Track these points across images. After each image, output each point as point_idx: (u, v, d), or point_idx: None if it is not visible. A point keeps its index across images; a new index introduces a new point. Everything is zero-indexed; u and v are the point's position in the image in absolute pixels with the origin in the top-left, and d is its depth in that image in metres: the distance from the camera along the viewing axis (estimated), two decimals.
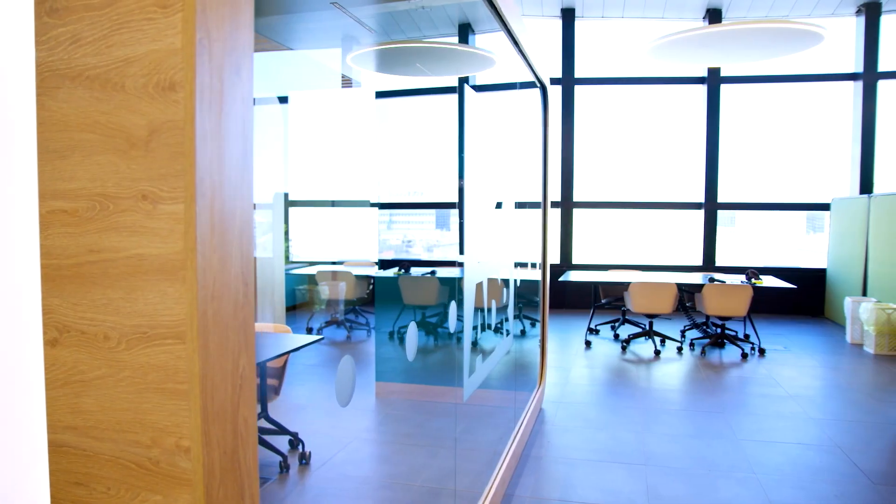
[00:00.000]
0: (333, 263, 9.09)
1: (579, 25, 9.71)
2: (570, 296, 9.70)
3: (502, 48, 4.06)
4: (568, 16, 9.61)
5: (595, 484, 3.56)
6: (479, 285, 2.86)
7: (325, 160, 2.25)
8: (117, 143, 0.93)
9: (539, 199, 5.14)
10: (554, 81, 9.78)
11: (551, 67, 9.83)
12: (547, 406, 5.02)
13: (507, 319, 3.65)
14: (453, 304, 2.41)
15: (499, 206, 3.26)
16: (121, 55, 0.92)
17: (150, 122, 0.91)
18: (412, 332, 2.09)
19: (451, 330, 2.41)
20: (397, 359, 5.80)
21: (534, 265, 5.00)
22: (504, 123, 3.53)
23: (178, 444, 0.93)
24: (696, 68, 9.34)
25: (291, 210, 10.30)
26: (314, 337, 3.87)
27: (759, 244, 9.84)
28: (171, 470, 0.94)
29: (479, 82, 9.59)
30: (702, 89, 9.43)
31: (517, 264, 4.13)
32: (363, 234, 2.63)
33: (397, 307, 6.99)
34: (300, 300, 8.52)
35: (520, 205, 3.93)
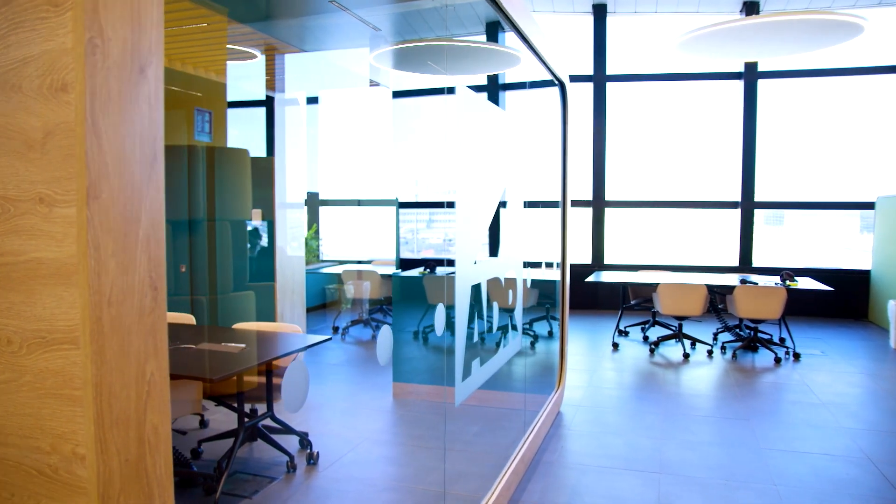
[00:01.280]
0: (360, 263, 9.14)
1: (611, 21, 9.53)
2: (601, 296, 9.54)
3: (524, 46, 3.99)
4: (600, 12, 9.44)
5: (604, 492, 3.47)
6: (477, 286, 2.80)
7: (352, 160, 2.23)
8: (16, 144, 0.92)
9: (557, 198, 5.04)
10: (585, 79, 9.63)
11: (582, 64, 9.68)
12: (566, 409, 4.92)
13: (514, 321, 3.58)
14: (440, 307, 2.36)
15: (503, 205, 3.20)
16: (18, 55, 0.91)
17: (45, 124, 0.90)
18: (385, 335, 2.06)
19: (438, 333, 2.37)
20: (416, 359, 5.78)
21: (550, 265, 4.91)
22: (509, 123, 3.47)
23: (74, 451, 0.91)
24: (732, 63, 9.07)
25: (322, 209, 10.38)
26: (322, 337, 3.87)
27: (804, 245, 9.50)
28: (69, 478, 0.92)
29: (508, 80, 9.52)
30: (738, 85, 9.15)
31: (529, 264, 4.05)
32: (388, 233, 2.61)
33: (419, 307, 6.97)
34: (328, 299, 8.58)
35: (531, 204, 3.86)
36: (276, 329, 3.91)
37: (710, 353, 6.65)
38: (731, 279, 6.95)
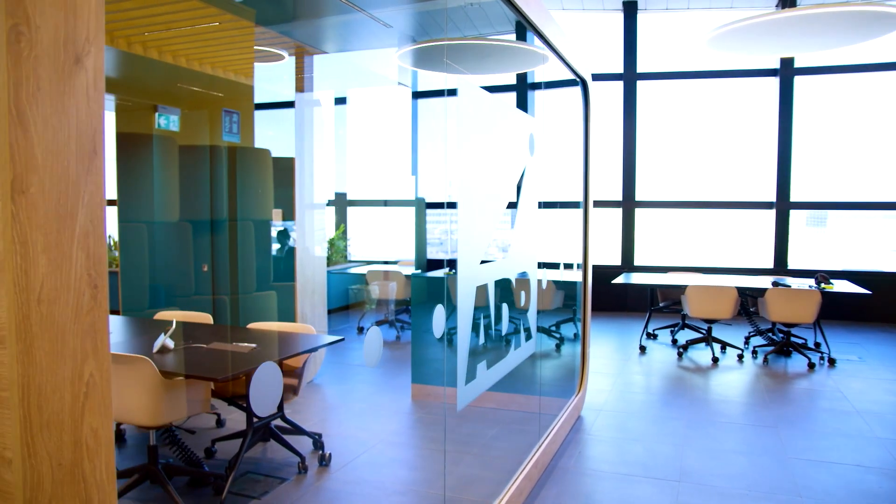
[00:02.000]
0: (386, 263, 9.13)
1: (642, 18, 9.35)
2: (630, 299, 9.36)
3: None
4: (630, 9, 9.27)
5: (619, 499, 3.36)
6: (483, 287, 2.74)
7: (379, 161, 2.20)
8: None
9: (578, 198, 4.94)
10: (615, 77, 9.46)
11: (612, 63, 9.51)
12: (587, 413, 4.82)
13: (526, 323, 3.50)
14: (439, 308, 2.31)
15: (512, 206, 3.13)
16: None
17: None
18: (373, 336, 2.01)
19: (437, 335, 2.31)
20: (437, 361, 5.73)
21: (571, 266, 4.81)
22: (523, 122, 3.39)
23: (1, 454, 0.88)
24: (767, 59, 8.81)
25: (349, 210, 10.39)
26: (334, 337, 3.85)
27: (846, 246, 9.17)
28: None
29: (530, 79, 9.40)
30: (773, 82, 8.88)
31: (550, 265, 3.96)
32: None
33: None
34: (354, 299, 8.59)
35: (548, 205, 3.77)
36: (290, 329, 3.90)
37: (740, 357, 6.45)
38: (764, 281, 6.74)
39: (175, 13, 4.20)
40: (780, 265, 8.79)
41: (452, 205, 3.04)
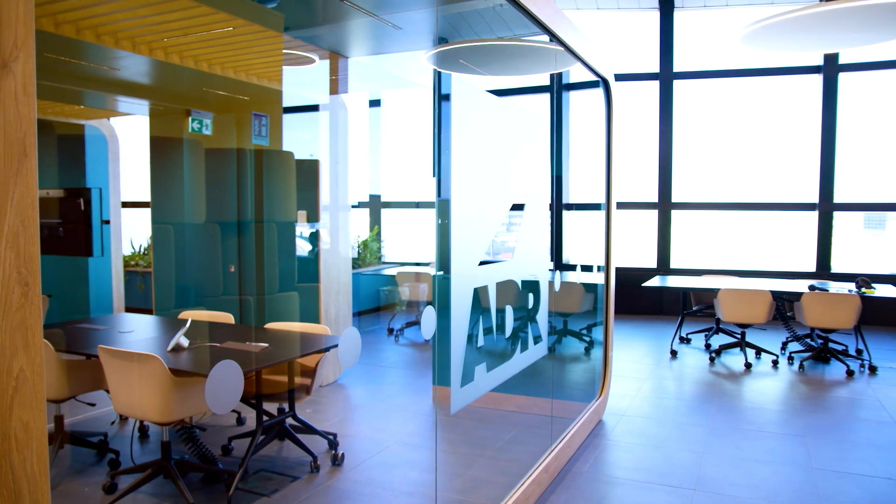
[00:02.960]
0: (418, 265, 9.15)
1: (678, 17, 9.16)
2: (666, 302, 9.17)
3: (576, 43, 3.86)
4: (666, 7, 9.10)
5: None
6: (483, 289, 2.72)
7: (411, 163, 2.22)
8: None
9: (600, 200, 4.87)
10: (651, 77, 9.30)
11: (647, 62, 9.35)
12: (609, 418, 4.74)
13: (536, 325, 3.46)
14: (429, 310, 2.30)
15: (518, 207, 3.10)
16: None
17: None
18: (349, 336, 2.01)
19: (426, 336, 2.31)
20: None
21: (589, 268, 4.75)
22: (531, 122, 3.36)
23: None
24: (810, 56, 8.53)
25: (383, 211, 10.46)
26: None
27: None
28: None
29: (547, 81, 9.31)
30: (817, 79, 8.59)
31: (569, 267, 3.93)
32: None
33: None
34: (386, 301, 8.65)
35: (574, 206, 3.73)
36: (305, 329, 3.95)
37: (775, 363, 6.25)
38: (801, 285, 6.52)
39: (204, 21, 4.30)
40: (823, 268, 8.49)
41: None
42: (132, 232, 8.37)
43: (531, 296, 3.33)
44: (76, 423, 4.35)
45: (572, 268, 5.68)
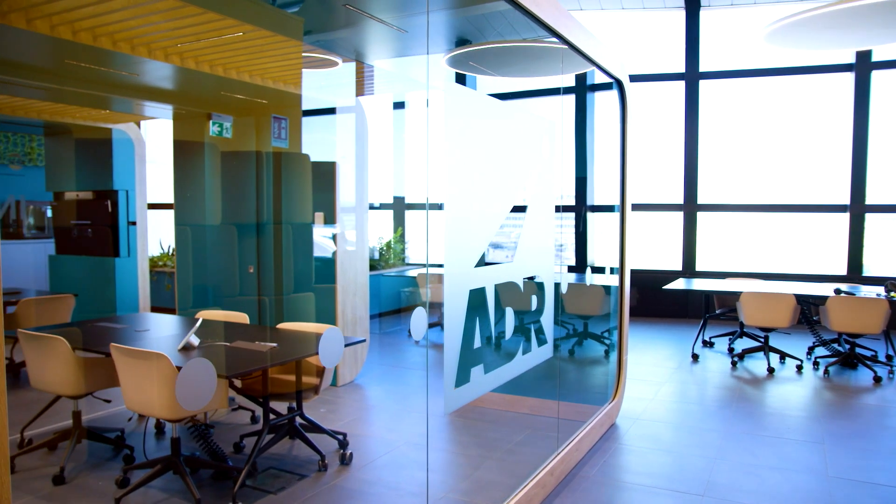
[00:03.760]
0: (440, 266, 9.18)
1: (704, 16, 9.03)
2: (691, 305, 9.04)
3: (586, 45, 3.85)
4: (692, 6, 8.97)
5: None
6: (480, 291, 2.73)
7: (433, 165, 2.26)
8: None
9: (615, 202, 4.83)
10: (676, 77, 9.18)
11: (673, 62, 9.23)
12: (622, 422, 4.69)
13: (541, 327, 3.45)
14: (419, 310, 2.32)
15: (519, 209, 3.10)
16: None
17: None
18: (331, 337, 2.04)
19: (416, 338, 2.32)
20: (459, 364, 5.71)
21: (599, 270, 4.71)
22: (531, 124, 3.36)
23: None
24: (841, 54, 8.32)
25: (407, 213, 10.52)
26: (356, 338, 3.92)
27: None
28: None
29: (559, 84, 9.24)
30: (848, 77, 8.38)
31: (597, 270, 3.91)
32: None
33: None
34: (408, 303, 8.69)
35: (568, 209, 3.71)
36: (315, 330, 4.00)
37: (799, 368, 6.12)
38: (827, 289, 6.36)
39: (219, 26, 4.38)
40: (855, 271, 8.27)
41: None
42: (161, 233, 8.56)
43: (534, 298, 3.32)
44: (96, 420, 4.48)
45: (600, 270, 5.65)
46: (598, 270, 6.70)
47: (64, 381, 3.52)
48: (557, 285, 3.64)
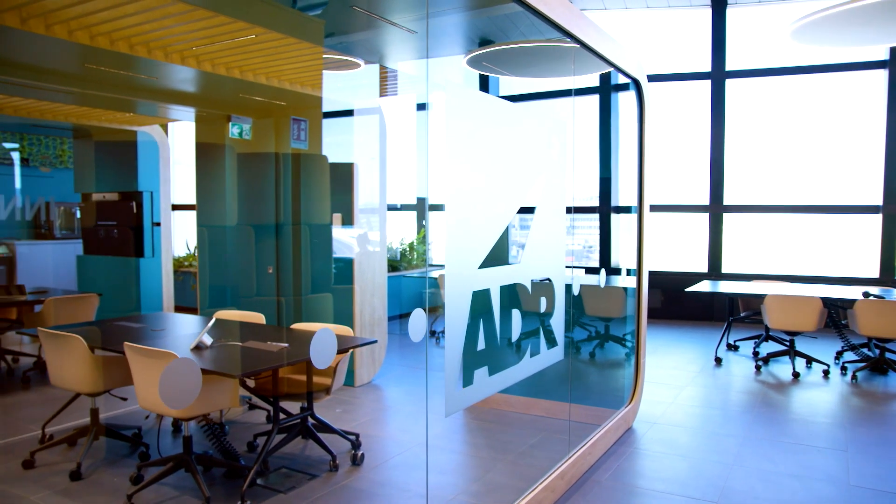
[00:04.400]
0: None
1: (731, 13, 8.87)
2: (717, 308, 8.88)
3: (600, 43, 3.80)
4: (719, 4, 8.82)
5: None
6: (485, 293, 2.71)
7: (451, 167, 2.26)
8: None
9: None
10: (702, 76, 9.03)
11: (699, 61, 9.09)
12: (639, 426, 4.63)
13: (550, 329, 3.42)
14: (418, 312, 2.31)
15: (528, 210, 3.07)
16: None
17: None
18: (324, 336, 2.04)
19: (415, 339, 2.31)
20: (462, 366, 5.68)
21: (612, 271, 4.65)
22: (537, 124, 3.33)
23: None
24: (874, 50, 8.10)
25: (431, 214, 10.60)
26: (366, 339, 3.93)
27: None
28: None
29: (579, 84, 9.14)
30: (881, 74, 8.15)
31: (613, 271, 3.86)
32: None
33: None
34: (429, 304, 8.69)
35: (577, 209, 3.67)
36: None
37: (826, 373, 5.96)
38: (856, 292, 6.19)
39: (233, 27, 4.44)
40: (888, 273, 8.04)
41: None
42: (186, 234, 8.70)
43: (544, 299, 3.29)
44: (115, 417, 4.56)
45: (621, 271, 5.58)
46: (619, 272, 6.62)
47: (81, 378, 3.59)
48: (569, 287, 3.60)
